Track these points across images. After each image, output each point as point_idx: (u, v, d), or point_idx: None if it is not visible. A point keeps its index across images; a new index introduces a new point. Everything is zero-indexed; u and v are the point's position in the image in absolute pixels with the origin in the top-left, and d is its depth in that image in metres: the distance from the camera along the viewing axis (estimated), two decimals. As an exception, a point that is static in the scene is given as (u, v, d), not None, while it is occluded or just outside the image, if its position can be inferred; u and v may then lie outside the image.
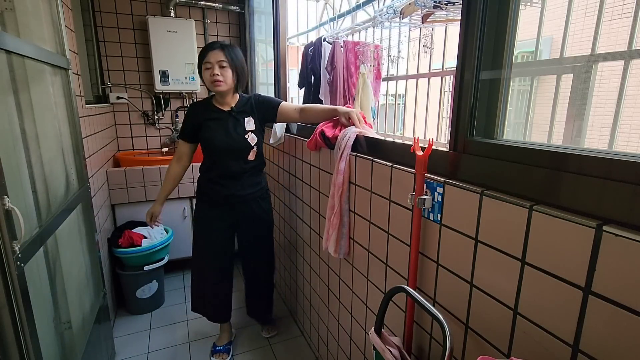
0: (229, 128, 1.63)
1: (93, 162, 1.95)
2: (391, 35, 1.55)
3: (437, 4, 1.09)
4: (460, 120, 0.86)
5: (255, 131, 1.67)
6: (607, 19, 0.72)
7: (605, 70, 0.76)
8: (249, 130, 1.66)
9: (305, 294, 1.99)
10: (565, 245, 0.61)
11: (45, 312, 1.15)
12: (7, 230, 0.85)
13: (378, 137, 1.22)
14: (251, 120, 1.67)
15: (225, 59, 1.55)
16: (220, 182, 1.69)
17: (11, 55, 1.03)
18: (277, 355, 1.94)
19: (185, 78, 2.75)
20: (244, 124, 1.65)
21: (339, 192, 1.29)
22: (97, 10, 2.58)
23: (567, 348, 0.63)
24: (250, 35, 2.89)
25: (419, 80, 1.41)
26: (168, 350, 1.97)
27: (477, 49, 0.80)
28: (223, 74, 1.56)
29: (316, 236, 1.73)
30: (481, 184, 0.80)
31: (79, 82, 1.82)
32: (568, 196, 0.63)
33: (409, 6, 1.18)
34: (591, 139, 0.79)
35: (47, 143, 1.29)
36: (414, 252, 0.96)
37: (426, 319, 1.00)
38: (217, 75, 1.54)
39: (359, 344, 1.40)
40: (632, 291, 0.53)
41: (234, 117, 1.65)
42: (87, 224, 1.64)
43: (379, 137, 1.22)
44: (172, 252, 2.56)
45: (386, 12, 1.27)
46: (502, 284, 0.74)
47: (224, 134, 1.62)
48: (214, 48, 1.56)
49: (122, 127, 2.82)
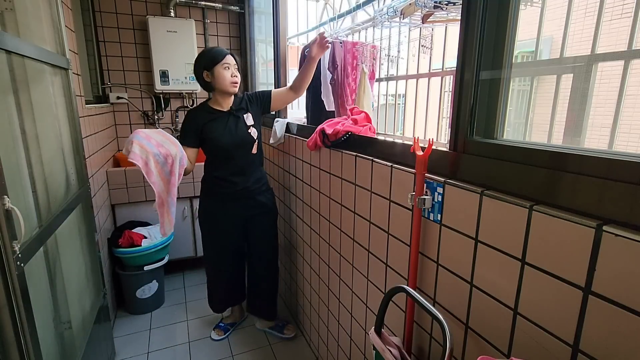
0: (231, 126, 1.71)
1: (93, 162, 1.95)
2: (391, 35, 1.55)
3: (437, 4, 1.09)
4: (460, 120, 0.86)
5: (254, 125, 1.78)
6: (607, 19, 0.72)
7: (605, 70, 0.76)
8: (249, 125, 1.75)
9: (305, 294, 1.99)
10: (565, 245, 0.61)
11: (45, 312, 1.15)
12: (7, 230, 0.85)
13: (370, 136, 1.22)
14: (249, 115, 1.77)
15: (237, 65, 1.69)
16: (229, 179, 1.77)
17: (11, 55, 1.03)
18: (277, 355, 1.94)
19: (185, 78, 2.75)
20: (244, 120, 1.74)
21: None
22: (97, 10, 2.58)
23: (567, 348, 0.63)
24: (250, 35, 2.89)
25: (419, 80, 1.41)
26: (168, 350, 1.97)
27: (477, 49, 0.80)
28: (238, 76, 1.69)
29: (316, 236, 1.73)
30: (481, 184, 0.80)
31: (79, 82, 1.82)
32: (568, 196, 0.63)
33: (409, 6, 1.18)
34: (591, 139, 0.79)
35: (47, 143, 1.29)
36: (414, 252, 0.96)
37: (426, 319, 1.00)
38: (237, 77, 1.67)
39: (359, 344, 1.40)
40: (632, 291, 0.53)
41: (234, 115, 1.73)
42: (87, 224, 1.64)
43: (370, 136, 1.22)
44: (172, 252, 2.56)
45: (386, 12, 1.27)
46: (502, 284, 0.74)
47: (228, 131, 1.70)
48: (227, 53, 1.66)
49: (122, 127, 2.82)
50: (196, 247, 2.74)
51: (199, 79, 1.70)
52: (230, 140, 1.70)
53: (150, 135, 1.51)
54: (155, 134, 1.54)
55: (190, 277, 2.76)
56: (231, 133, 1.70)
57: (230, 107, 1.73)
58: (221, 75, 1.64)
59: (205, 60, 1.65)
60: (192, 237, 2.71)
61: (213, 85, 1.67)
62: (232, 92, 1.69)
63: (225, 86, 1.65)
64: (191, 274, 2.82)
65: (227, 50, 1.67)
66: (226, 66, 1.63)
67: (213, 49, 1.67)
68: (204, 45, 2.90)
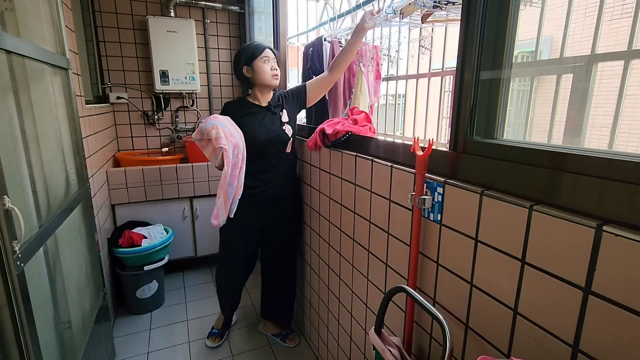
0: (267, 121, 1.68)
1: (93, 162, 1.95)
2: (391, 35, 1.55)
3: (436, 4, 1.09)
4: (460, 120, 0.86)
5: (289, 122, 1.73)
6: (607, 19, 0.72)
7: (605, 70, 0.76)
8: (284, 122, 1.71)
9: (305, 294, 1.99)
10: (565, 245, 0.61)
11: (45, 312, 1.15)
12: (7, 230, 0.85)
13: (370, 136, 1.22)
14: (285, 112, 1.73)
15: (276, 58, 1.68)
16: (259, 177, 1.71)
17: (11, 55, 1.03)
18: (277, 355, 1.94)
19: (185, 78, 2.75)
20: (280, 117, 1.71)
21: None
22: (97, 10, 2.58)
23: (567, 348, 0.63)
24: (250, 35, 2.89)
25: (419, 80, 1.41)
26: (168, 350, 1.97)
27: (477, 49, 0.80)
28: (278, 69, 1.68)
29: (316, 236, 1.73)
30: (481, 184, 0.80)
31: (79, 82, 1.82)
32: (568, 196, 0.63)
33: (409, 6, 1.18)
34: (591, 139, 0.79)
35: (47, 143, 1.29)
36: (414, 252, 0.96)
37: (426, 319, 1.00)
38: (277, 70, 1.66)
39: (359, 344, 1.40)
40: (632, 291, 0.53)
41: (271, 111, 1.70)
42: (87, 224, 1.64)
43: (370, 136, 1.22)
44: (172, 252, 2.56)
45: (385, 12, 1.27)
46: (502, 284, 0.74)
47: (264, 127, 1.66)
48: (265, 47, 1.64)
49: (122, 127, 2.82)
50: (196, 247, 2.73)
51: (239, 76, 1.69)
52: (265, 135, 1.65)
53: (225, 124, 1.51)
54: (228, 123, 1.54)
55: (190, 277, 2.76)
56: (267, 128, 1.66)
57: (269, 102, 1.71)
58: (261, 69, 1.62)
59: (244, 55, 1.64)
60: (192, 237, 2.71)
61: (253, 80, 1.65)
62: (273, 85, 1.67)
63: (265, 79, 1.63)
64: (191, 274, 2.82)
65: (266, 44, 1.65)
66: (265, 59, 1.62)
67: (251, 44, 1.66)
68: (204, 45, 2.90)
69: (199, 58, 2.80)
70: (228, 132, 1.50)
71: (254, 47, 1.64)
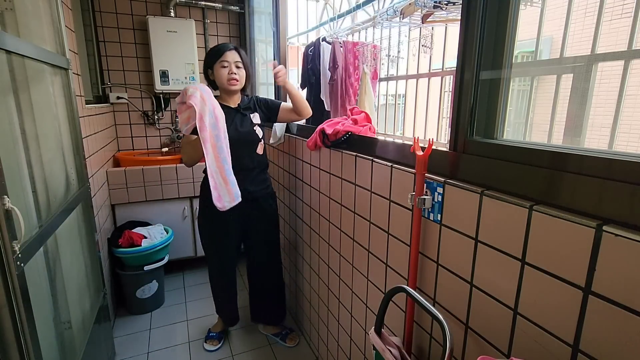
0: (237, 121, 1.70)
1: (93, 162, 1.95)
2: (391, 35, 1.55)
3: (437, 4, 1.09)
4: (460, 120, 0.86)
5: (260, 125, 1.76)
6: (607, 19, 0.72)
7: (605, 70, 0.76)
8: (255, 124, 1.74)
9: (305, 294, 1.99)
10: (565, 245, 0.61)
11: (45, 312, 1.15)
12: (7, 230, 0.85)
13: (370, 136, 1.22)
14: (256, 115, 1.76)
15: (240, 60, 1.66)
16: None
17: (11, 55, 1.03)
18: (277, 355, 1.94)
19: (185, 78, 2.75)
20: (251, 118, 1.73)
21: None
22: (97, 10, 2.58)
23: (567, 348, 0.63)
24: (250, 35, 2.89)
25: (419, 80, 1.41)
26: (168, 350, 1.97)
27: (477, 49, 0.80)
28: (238, 73, 1.65)
29: (316, 236, 1.73)
30: (481, 184, 0.80)
31: (79, 82, 1.82)
32: (568, 196, 0.63)
33: (409, 6, 1.18)
34: (591, 139, 0.79)
35: (47, 143, 1.29)
36: (414, 252, 0.96)
37: (426, 319, 1.00)
38: (235, 74, 1.64)
39: (359, 344, 1.40)
40: (632, 291, 0.53)
41: (241, 113, 1.72)
42: (87, 224, 1.64)
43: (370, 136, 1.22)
44: (172, 252, 2.56)
45: (386, 12, 1.27)
46: (502, 284, 0.74)
47: (233, 126, 1.68)
48: (229, 48, 1.64)
49: (122, 127, 2.82)
50: (196, 247, 2.74)
51: (207, 78, 1.72)
52: (235, 135, 1.65)
53: (208, 91, 1.51)
54: (213, 98, 1.53)
55: (190, 277, 2.76)
56: (237, 128, 1.67)
57: (238, 104, 1.73)
58: (219, 74, 1.64)
59: (207, 59, 1.67)
60: (192, 237, 2.71)
61: (217, 83, 1.69)
62: (230, 90, 1.67)
63: (222, 84, 1.65)
64: (191, 274, 2.82)
65: (230, 46, 1.64)
66: (224, 63, 1.62)
67: (215, 47, 1.66)
68: (204, 45, 2.90)
69: (199, 58, 2.80)
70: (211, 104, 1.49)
71: (214, 51, 1.65)
